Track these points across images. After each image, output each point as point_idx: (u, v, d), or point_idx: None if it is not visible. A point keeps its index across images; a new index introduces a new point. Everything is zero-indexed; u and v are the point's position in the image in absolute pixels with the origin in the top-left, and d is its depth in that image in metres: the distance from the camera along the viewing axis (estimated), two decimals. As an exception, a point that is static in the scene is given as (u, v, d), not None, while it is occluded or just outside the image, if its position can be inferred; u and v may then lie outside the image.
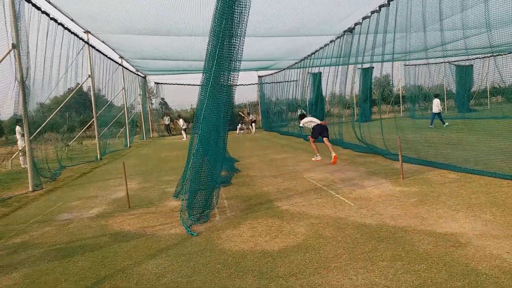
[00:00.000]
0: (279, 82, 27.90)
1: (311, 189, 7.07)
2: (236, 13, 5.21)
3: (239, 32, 5.20)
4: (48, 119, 12.94)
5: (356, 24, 12.47)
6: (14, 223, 6.22)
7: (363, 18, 11.77)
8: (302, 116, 11.61)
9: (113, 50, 19.14)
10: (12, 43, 8.88)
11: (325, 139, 10.54)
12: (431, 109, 19.65)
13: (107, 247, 4.73)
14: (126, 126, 22.21)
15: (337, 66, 15.53)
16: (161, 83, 33.26)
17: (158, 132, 32.91)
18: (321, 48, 16.77)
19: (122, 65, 21.61)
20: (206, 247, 4.50)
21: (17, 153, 15.06)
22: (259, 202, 6.40)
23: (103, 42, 16.91)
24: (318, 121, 10.80)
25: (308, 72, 22.87)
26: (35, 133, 11.00)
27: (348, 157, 10.72)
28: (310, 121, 10.93)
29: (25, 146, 13.37)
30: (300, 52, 20.26)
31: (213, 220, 5.56)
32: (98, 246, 4.80)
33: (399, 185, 6.85)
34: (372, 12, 11.06)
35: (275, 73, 28.06)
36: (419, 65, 27.20)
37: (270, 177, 8.59)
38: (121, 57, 21.23)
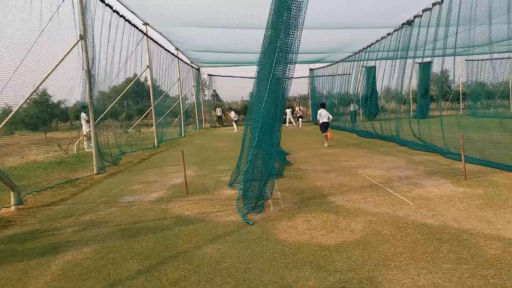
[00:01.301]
0: (331, 76, 27.44)
1: (367, 185, 6.94)
2: (294, 5, 5.19)
3: (297, 24, 5.18)
4: (110, 106, 13.70)
5: (415, 16, 11.94)
6: (82, 202, 6.68)
7: (424, 10, 11.25)
8: (322, 105, 13.72)
9: (169, 42, 19.75)
10: (80, 34, 9.45)
11: (324, 134, 13.31)
12: None
13: (168, 230, 4.96)
14: (181, 116, 22.94)
15: (394, 60, 15.01)
16: (214, 75, 33.93)
17: (210, 123, 33.66)
18: (377, 41, 16.27)
19: (177, 57, 22.27)
20: (262, 236, 4.58)
21: (81, 138, 16.09)
22: (313, 196, 6.40)
23: (160, 34, 17.51)
24: (326, 119, 13.07)
25: (362, 66, 22.29)
26: (97, 120, 11.68)
27: (405, 155, 10.37)
28: (319, 115, 13.29)
29: (89, 131, 14.27)
30: (354, 45, 19.77)
31: (268, 210, 5.64)
32: (160, 228, 5.05)
33: (462, 186, 6.54)
34: (434, 4, 10.53)
35: (327, 66, 27.60)
36: (482, 60, 25.54)
37: (322, 171, 8.53)
38: (177, 49, 21.87)
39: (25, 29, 7.74)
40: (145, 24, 15.47)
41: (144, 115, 22.78)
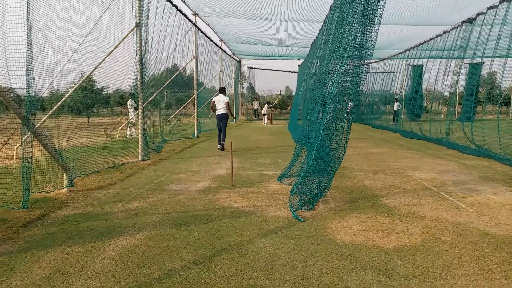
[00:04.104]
0: (374, 73, 26.72)
1: (419, 188, 6.63)
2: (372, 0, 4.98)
3: (373, 19, 4.96)
4: (155, 93, 13.90)
5: (478, 14, 11.30)
6: (130, 188, 6.78)
7: (488, 8, 10.61)
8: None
9: (215, 33, 19.81)
10: (135, 22, 9.59)
11: None
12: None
13: (219, 221, 4.91)
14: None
15: (448, 60, 14.36)
16: (254, 68, 33.89)
17: (246, 115, 33.71)
18: (431, 38, 15.59)
19: (221, 48, 22.34)
20: (315, 234, 4.45)
21: (125, 123, 16.49)
22: (363, 196, 6.18)
23: (207, 24, 17.59)
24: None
25: (408, 64, 21.53)
26: (141, 107, 11.85)
27: (456, 159, 9.89)
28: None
29: (135, 118, 14.56)
30: (402, 42, 19.09)
31: (317, 208, 5.49)
32: (210, 218, 5.01)
33: (525, 195, 6.12)
34: (501, 1, 9.90)
35: (371, 63, 26.86)
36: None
37: (370, 171, 8.25)
38: (221, 40, 21.93)
39: (87, 16, 7.90)
40: (195, 14, 15.55)
41: (185, 105, 23.05)
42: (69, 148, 8.57)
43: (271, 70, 33.34)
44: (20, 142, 7.60)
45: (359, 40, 5.26)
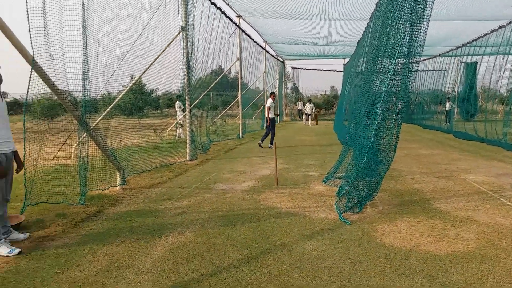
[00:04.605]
0: (424, 71, 25.69)
1: (474, 192, 6.31)
2: None
3: (422, 16, 4.79)
4: (202, 95, 14.21)
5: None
6: (179, 187, 6.99)
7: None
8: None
9: (259, 34, 19.93)
10: (182, 26, 9.87)
11: None
12: None
13: (264, 221, 4.95)
14: (264, 108, 23.13)
15: (503, 56, 13.53)
16: (297, 68, 33.74)
17: (290, 116, 33.60)
18: (485, 34, 14.75)
19: (265, 49, 22.44)
20: (362, 237, 4.36)
21: (173, 125, 17.02)
22: (414, 199, 5.97)
23: (251, 26, 17.73)
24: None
25: (461, 61, 20.48)
26: (189, 109, 12.18)
27: (515, 161, 9.30)
28: None
29: (182, 119, 14.99)
30: (454, 39, 18.18)
31: (365, 211, 5.38)
32: (256, 218, 5.07)
33: None
34: None
35: (421, 61, 25.84)
36: None
37: (421, 173, 7.95)
38: (265, 41, 22.03)
39: (136, 22, 8.23)
40: (239, 16, 15.74)
41: (230, 106, 23.39)
42: (121, 148, 9.00)
43: (316, 70, 33.06)
44: (77, 142, 8.09)
45: (407, 37, 5.09)
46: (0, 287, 3.20)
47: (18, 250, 3.85)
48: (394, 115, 5.53)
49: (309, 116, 25.84)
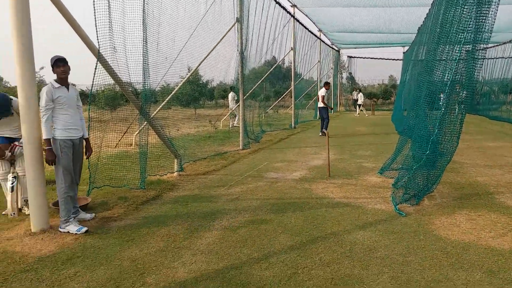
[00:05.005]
0: (492, 58, 23.89)
1: (545, 187, 5.85)
2: None
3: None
4: (255, 86, 14.35)
5: None
6: (232, 174, 7.16)
7: None
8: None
9: (314, 23, 19.63)
10: (236, 17, 9.98)
11: None
12: None
13: (315, 210, 4.96)
14: (317, 98, 22.84)
15: None
16: (353, 57, 32.83)
17: (344, 106, 32.88)
18: None
19: (320, 39, 22.07)
20: (418, 229, 4.23)
21: (227, 115, 17.36)
22: (475, 192, 5.66)
23: (306, 15, 17.50)
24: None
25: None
26: (242, 99, 12.35)
27: None
28: None
29: (236, 109, 15.25)
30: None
31: (422, 203, 5.18)
32: (307, 207, 5.08)
33: None
34: None
35: (488, 47, 24.03)
36: None
37: (484, 166, 7.49)
38: (320, 30, 21.66)
39: (193, 14, 8.43)
40: (293, 6, 15.60)
41: (282, 97, 23.36)
42: (178, 137, 9.36)
43: (373, 58, 31.94)
44: (137, 131, 8.55)
45: (473, 23, 4.78)
46: (70, 261, 3.51)
47: (85, 228, 4.18)
48: (457, 105, 5.24)
49: (358, 106, 25.19)
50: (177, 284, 3.08)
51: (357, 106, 25.55)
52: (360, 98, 25.37)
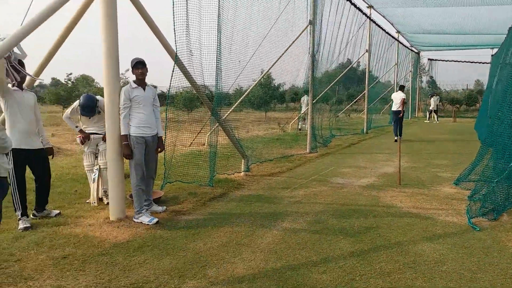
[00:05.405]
0: None
1: None
2: None
3: None
4: (326, 89, 14.19)
5: None
6: (297, 177, 7.20)
7: None
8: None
9: (391, 24, 18.89)
10: (309, 20, 9.99)
11: None
12: None
13: (380, 218, 4.82)
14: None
15: None
16: (435, 60, 30.95)
17: (424, 112, 31.08)
18: None
19: (398, 40, 21.19)
20: (492, 245, 3.93)
21: (296, 118, 17.39)
22: None
23: (383, 16, 16.91)
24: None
25: None
26: (311, 102, 12.28)
27: None
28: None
29: (305, 113, 15.22)
30: None
31: (501, 219, 4.79)
32: (372, 215, 4.96)
33: None
34: None
35: None
36: None
37: None
38: (398, 32, 20.78)
39: (266, 17, 8.59)
40: (369, 7, 15.18)
41: (355, 100, 22.80)
42: (247, 138, 9.63)
43: (457, 61, 29.78)
44: (209, 131, 8.96)
45: None
46: (141, 249, 3.82)
47: (156, 219, 4.52)
48: None
49: (430, 113, 23.72)
50: (236, 279, 3.21)
51: (429, 112, 24.12)
52: (433, 103, 23.91)
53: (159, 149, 4.96)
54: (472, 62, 29.33)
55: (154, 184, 5.17)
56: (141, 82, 4.70)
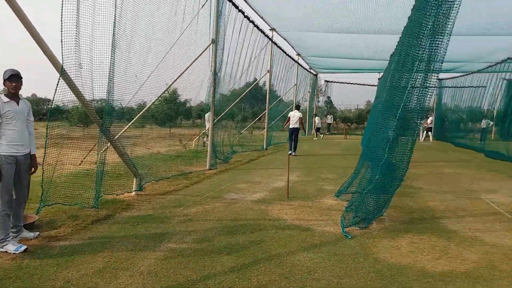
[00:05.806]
0: (461, 87, 24.91)
1: (490, 213, 6.08)
2: (442, 11, 4.77)
3: (444, 31, 4.73)
4: (229, 108, 14.47)
5: None
6: (192, 195, 7.17)
7: None
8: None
9: (292, 47, 20.03)
10: (212, 39, 10.14)
11: None
12: None
13: (265, 231, 5.01)
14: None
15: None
16: (331, 81, 33.57)
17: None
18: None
19: (298, 62, 22.55)
20: (359, 252, 4.34)
21: (200, 135, 17.38)
22: (423, 217, 5.84)
23: (284, 39, 17.88)
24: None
25: (503, 78, 19.69)
26: (215, 120, 12.43)
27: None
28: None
29: (207, 129, 15.28)
30: (494, 55, 17.49)
31: (370, 226, 5.32)
32: (258, 228, 5.13)
33: None
34: None
35: (458, 77, 25.10)
36: None
37: (439, 192, 7.74)
38: (298, 54, 22.14)
39: (168, 32, 8.48)
40: (272, 29, 15.91)
41: (258, 118, 23.59)
42: (145, 155, 9.32)
43: (350, 83, 32.72)
44: (103, 149, 8.49)
45: (427, 52, 5.04)
46: (1, 282, 3.44)
47: (24, 247, 4.11)
48: (408, 131, 5.46)
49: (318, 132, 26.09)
50: (107, 305, 3.06)
51: (316, 130, 26.49)
52: (317, 121, 26.30)
53: (32, 169, 4.55)
54: (362, 85, 32.48)
55: (27, 208, 4.72)
56: (14, 95, 4.31)
